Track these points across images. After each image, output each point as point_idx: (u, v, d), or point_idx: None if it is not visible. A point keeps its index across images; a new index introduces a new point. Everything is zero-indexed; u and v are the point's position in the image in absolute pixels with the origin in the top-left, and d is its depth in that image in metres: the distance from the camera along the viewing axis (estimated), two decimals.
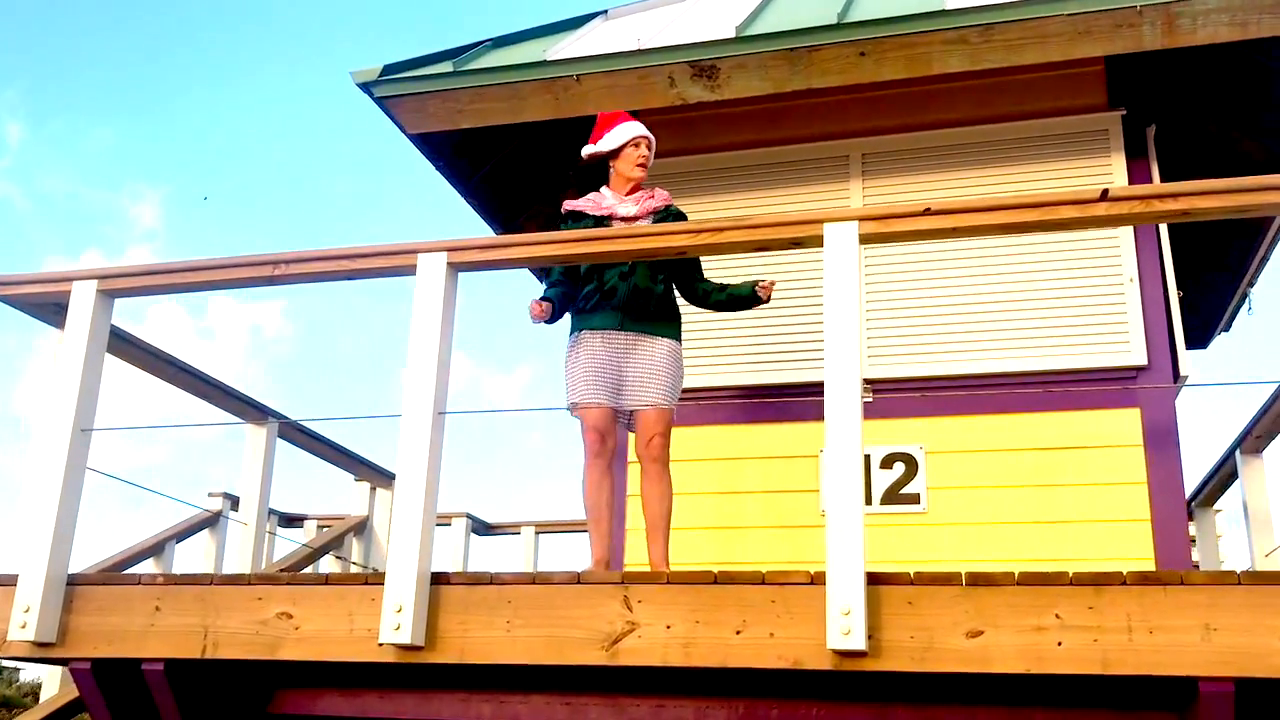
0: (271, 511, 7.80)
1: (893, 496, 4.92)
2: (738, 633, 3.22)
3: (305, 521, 7.74)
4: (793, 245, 3.55)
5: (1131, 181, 5.06)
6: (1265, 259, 6.55)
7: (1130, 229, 4.97)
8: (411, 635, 3.35)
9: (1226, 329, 7.70)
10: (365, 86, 5.17)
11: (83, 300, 4.01)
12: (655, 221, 4.28)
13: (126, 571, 5.68)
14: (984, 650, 3.04)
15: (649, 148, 4.39)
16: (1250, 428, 5.42)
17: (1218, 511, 6.78)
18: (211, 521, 6.66)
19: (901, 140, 5.39)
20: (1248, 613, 2.93)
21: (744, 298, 4.39)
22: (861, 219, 3.43)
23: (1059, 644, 3.00)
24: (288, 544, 7.12)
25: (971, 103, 5.36)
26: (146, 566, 6.10)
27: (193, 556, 6.64)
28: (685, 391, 4.44)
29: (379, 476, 6.97)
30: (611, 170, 4.41)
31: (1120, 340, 4.87)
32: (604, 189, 4.41)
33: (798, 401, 4.94)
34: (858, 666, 3.08)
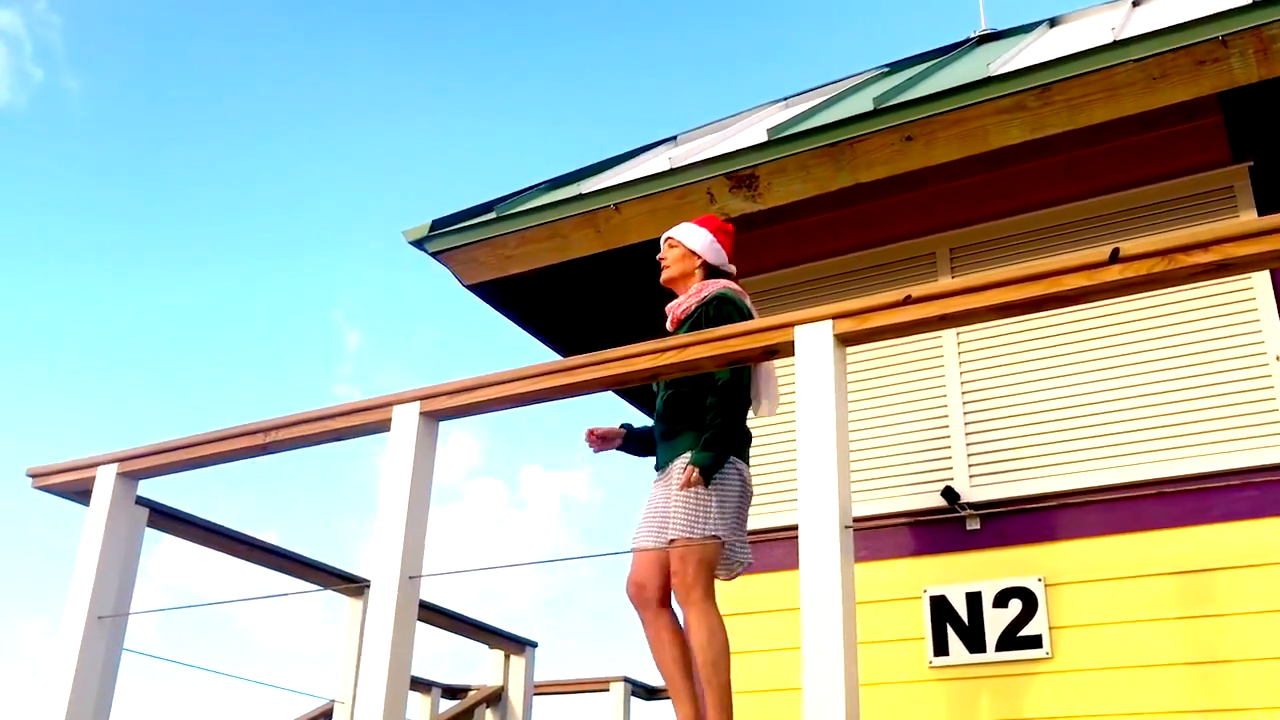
0: (433, 684, 7.72)
1: (1009, 641, 4.15)
2: None
3: (469, 693, 7.53)
4: (767, 355, 3.09)
5: None
6: None
7: (1270, 291, 4.13)
8: None
9: None
10: (418, 244, 5.11)
11: (104, 484, 4.03)
12: (694, 314, 3.90)
13: None
14: None
15: (669, 246, 4.04)
16: None
17: None
18: None
19: (991, 229, 4.77)
20: None
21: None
22: (836, 317, 2.93)
23: None
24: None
25: (1068, 178, 4.70)
26: None
27: None
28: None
29: (511, 644, 6.68)
30: None
31: (1271, 432, 3.99)
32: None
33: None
34: None
